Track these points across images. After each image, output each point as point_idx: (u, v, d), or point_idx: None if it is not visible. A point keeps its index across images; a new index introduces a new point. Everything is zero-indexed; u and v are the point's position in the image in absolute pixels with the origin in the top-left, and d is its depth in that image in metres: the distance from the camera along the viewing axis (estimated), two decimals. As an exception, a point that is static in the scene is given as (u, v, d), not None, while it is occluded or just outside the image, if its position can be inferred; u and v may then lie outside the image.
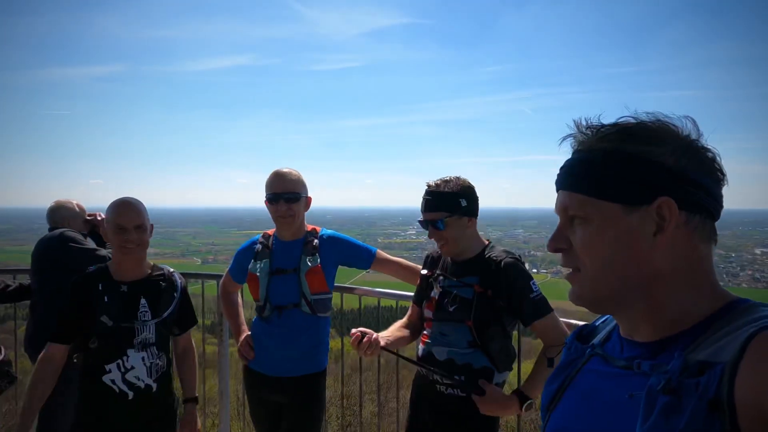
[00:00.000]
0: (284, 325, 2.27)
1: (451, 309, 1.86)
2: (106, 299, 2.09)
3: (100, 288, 2.10)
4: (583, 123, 0.80)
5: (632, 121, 0.77)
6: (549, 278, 46.93)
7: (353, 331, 1.86)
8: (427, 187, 1.92)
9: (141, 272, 2.17)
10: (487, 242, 1.96)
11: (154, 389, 2.13)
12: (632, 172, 0.74)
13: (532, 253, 57.79)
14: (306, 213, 2.37)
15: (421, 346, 1.97)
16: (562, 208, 0.80)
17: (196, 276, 3.26)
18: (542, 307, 1.78)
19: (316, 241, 2.32)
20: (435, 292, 1.95)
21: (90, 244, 3.09)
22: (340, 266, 2.41)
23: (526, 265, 1.88)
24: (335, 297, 2.44)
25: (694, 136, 0.75)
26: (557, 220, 0.83)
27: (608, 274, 0.75)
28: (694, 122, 0.76)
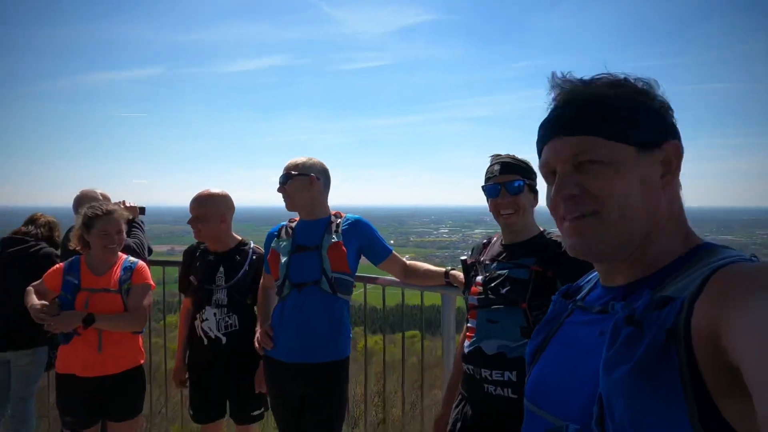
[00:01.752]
0: (303, 303, 2.24)
1: (503, 291, 1.69)
2: None
3: None
4: (568, 76, 0.81)
5: (618, 75, 0.79)
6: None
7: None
8: (496, 156, 1.82)
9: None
10: (542, 229, 1.82)
11: None
12: (644, 116, 0.77)
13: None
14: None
15: (467, 342, 1.78)
16: (572, 153, 0.77)
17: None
18: None
19: (339, 220, 2.36)
20: (481, 278, 1.78)
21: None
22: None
23: None
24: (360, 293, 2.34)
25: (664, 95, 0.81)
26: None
27: (630, 218, 0.75)
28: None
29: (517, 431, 1.71)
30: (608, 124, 0.75)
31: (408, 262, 2.49)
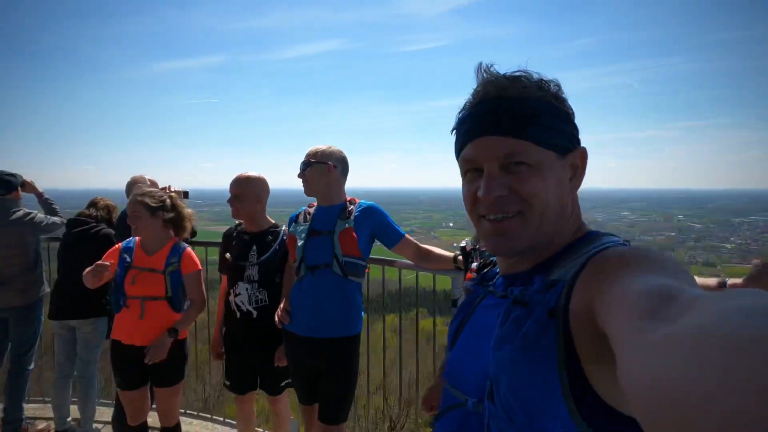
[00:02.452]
0: (316, 284, 2.39)
1: None
2: None
3: None
4: (492, 69, 0.83)
5: (535, 74, 0.83)
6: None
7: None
8: None
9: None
10: None
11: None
12: (563, 124, 0.82)
13: (639, 237, 52.75)
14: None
15: None
16: (502, 154, 0.80)
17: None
18: None
19: (352, 207, 2.47)
20: (476, 264, 1.86)
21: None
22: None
23: None
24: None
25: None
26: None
27: (548, 218, 0.81)
28: None
29: None
30: (538, 130, 0.79)
31: (421, 245, 2.59)
